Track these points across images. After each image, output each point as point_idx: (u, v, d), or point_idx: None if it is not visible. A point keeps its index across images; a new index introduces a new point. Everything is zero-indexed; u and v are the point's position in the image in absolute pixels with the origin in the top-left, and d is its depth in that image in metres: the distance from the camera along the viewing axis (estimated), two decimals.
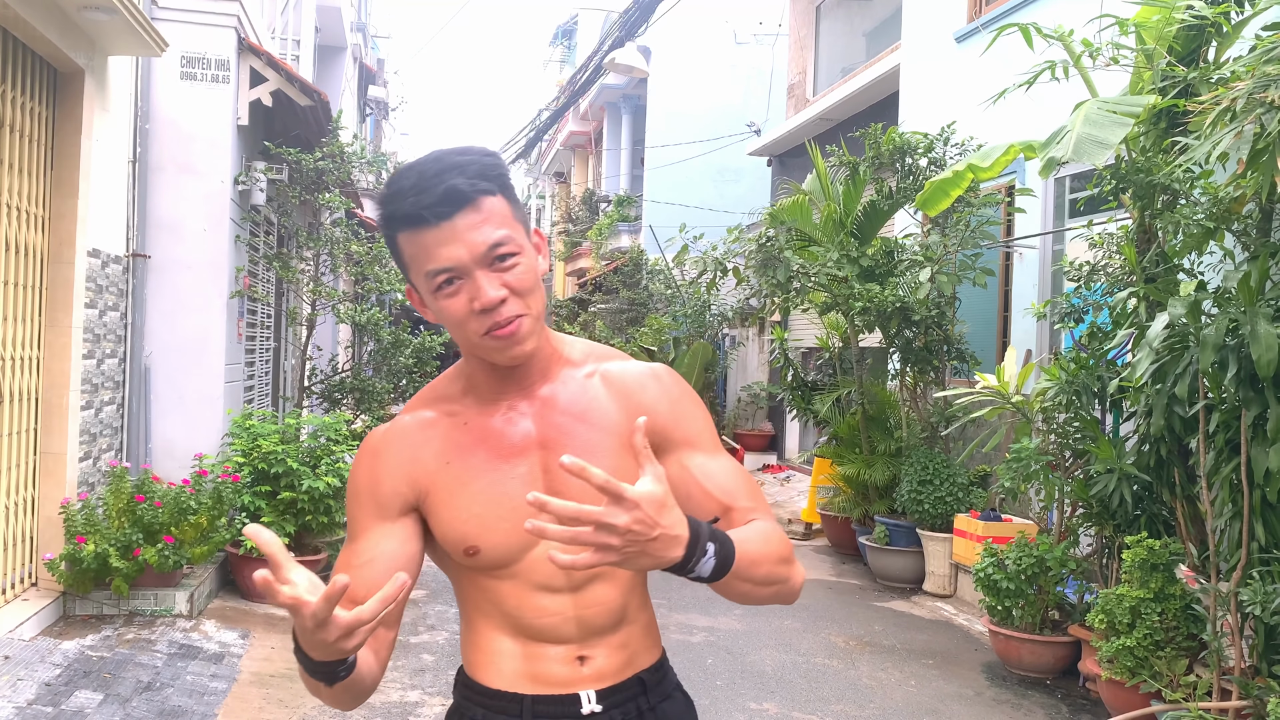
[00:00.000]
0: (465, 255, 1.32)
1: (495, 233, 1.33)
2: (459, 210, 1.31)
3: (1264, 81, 2.99)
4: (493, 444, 1.44)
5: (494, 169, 1.36)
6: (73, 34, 5.10)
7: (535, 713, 1.45)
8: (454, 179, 1.32)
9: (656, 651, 1.54)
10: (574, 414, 1.44)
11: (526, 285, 1.35)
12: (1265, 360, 3.76)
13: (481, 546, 1.41)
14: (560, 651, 1.45)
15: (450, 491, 1.43)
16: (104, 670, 4.49)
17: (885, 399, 8.11)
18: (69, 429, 5.33)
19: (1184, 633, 4.59)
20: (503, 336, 1.35)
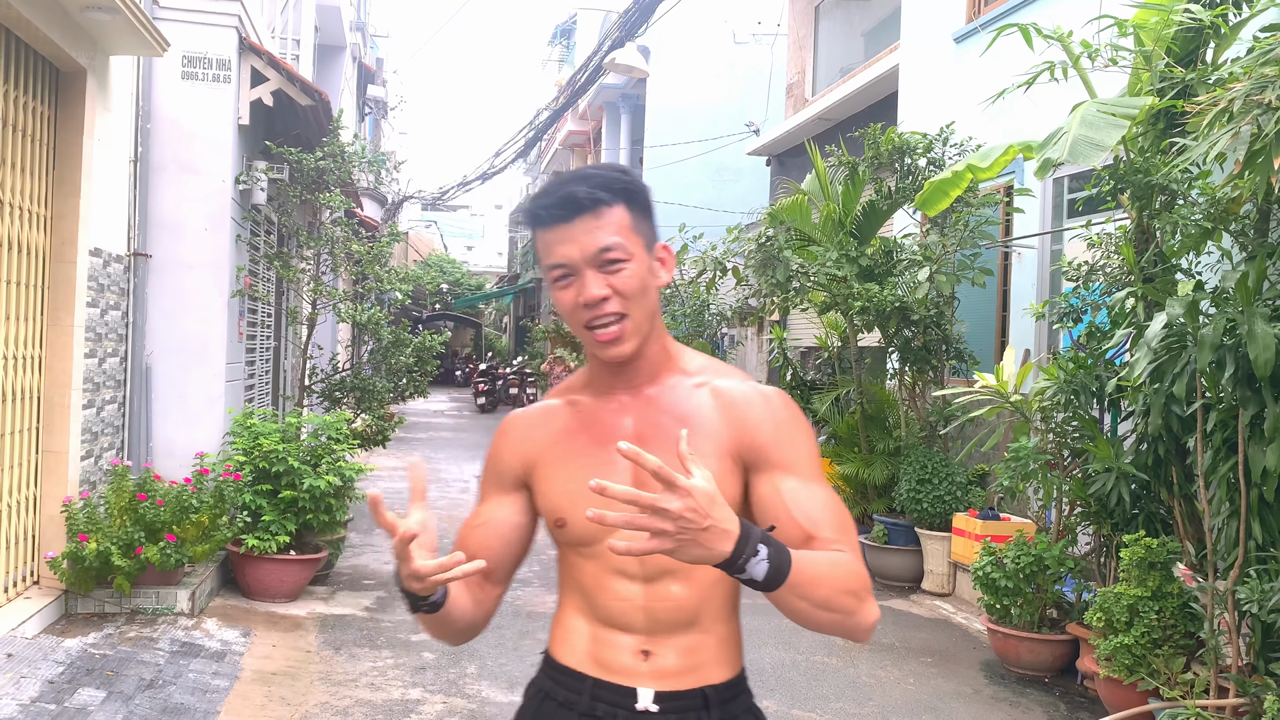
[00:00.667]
0: (576, 254, 1.48)
1: (606, 238, 1.47)
2: (576, 215, 1.48)
3: (1261, 83, 3.02)
4: (595, 431, 1.57)
5: (618, 183, 1.51)
6: (75, 34, 5.12)
7: (594, 695, 1.53)
8: (576, 187, 1.49)
9: (731, 671, 1.56)
10: (674, 416, 1.53)
11: (630, 290, 1.48)
12: (1262, 360, 3.79)
13: (568, 520, 1.55)
14: (627, 641, 1.53)
15: (552, 467, 1.59)
16: (106, 668, 4.50)
17: (884, 398, 8.13)
18: (71, 428, 5.35)
19: (1181, 631, 4.62)
20: (603, 339, 1.50)
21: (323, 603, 6.20)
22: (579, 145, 24.56)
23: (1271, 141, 2.90)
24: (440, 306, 35.46)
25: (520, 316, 34.72)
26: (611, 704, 1.52)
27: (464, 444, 16.03)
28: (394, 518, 1.39)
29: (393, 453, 14.23)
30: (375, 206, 16.27)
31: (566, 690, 1.56)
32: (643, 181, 1.58)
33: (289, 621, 5.74)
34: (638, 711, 1.51)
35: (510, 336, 35.97)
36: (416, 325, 23.90)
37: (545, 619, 6.24)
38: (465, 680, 4.98)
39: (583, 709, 1.54)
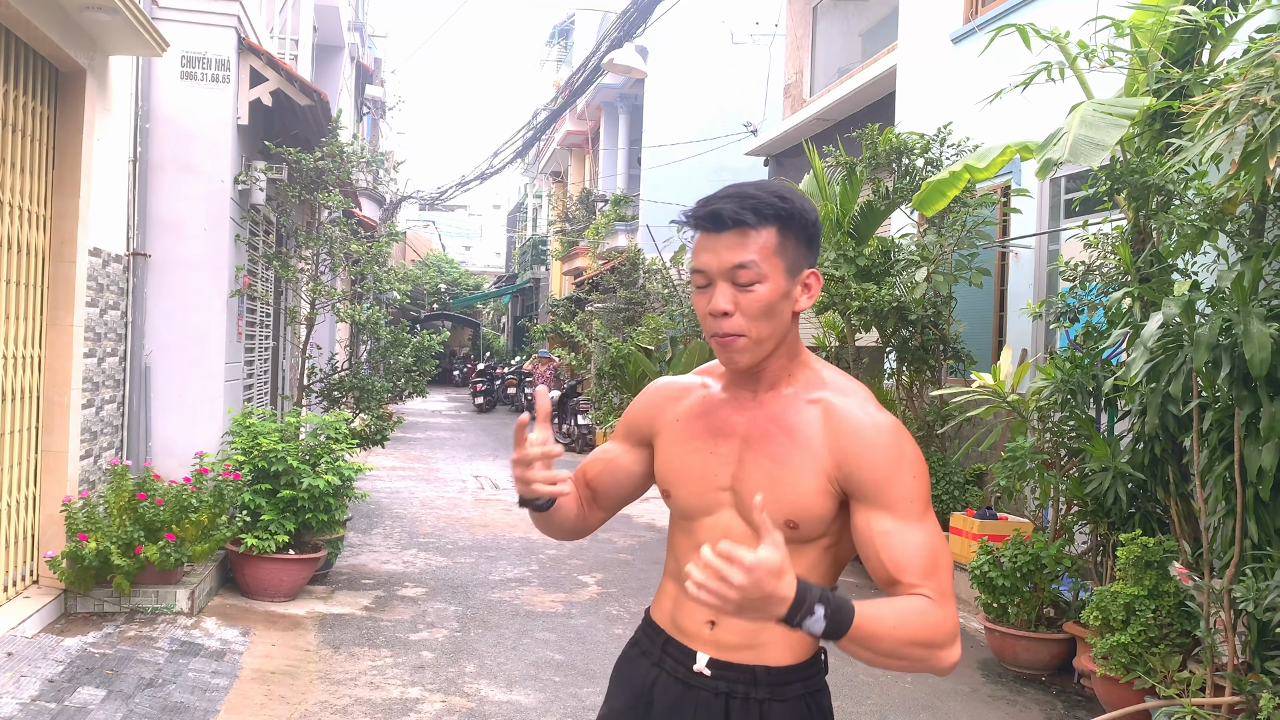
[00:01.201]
0: (713, 265, 1.59)
1: (743, 256, 1.57)
2: (722, 229, 1.58)
3: (1256, 84, 3.03)
4: (711, 421, 1.72)
5: (771, 207, 1.57)
6: (74, 34, 5.13)
7: (664, 650, 1.74)
8: (726, 204, 1.57)
9: (793, 658, 1.66)
10: (781, 425, 1.65)
11: (754, 310, 1.59)
12: (1258, 359, 3.80)
13: (673, 493, 1.74)
14: (700, 610, 1.68)
15: (669, 441, 1.77)
16: (106, 667, 4.51)
17: (882, 398, 8.14)
18: (70, 427, 5.35)
19: (1178, 629, 4.64)
20: (721, 345, 1.63)
21: (322, 602, 6.21)
22: (577, 145, 24.56)
23: (1266, 141, 2.91)
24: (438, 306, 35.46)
25: (518, 316, 34.73)
26: (676, 660, 1.71)
27: (462, 444, 16.04)
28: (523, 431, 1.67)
29: (391, 452, 14.25)
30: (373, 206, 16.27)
31: (648, 640, 1.78)
32: (804, 210, 1.61)
33: (288, 620, 5.75)
34: (694, 672, 1.68)
35: (508, 336, 35.97)
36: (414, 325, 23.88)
37: (544, 618, 6.27)
38: (464, 679, 4.99)
39: (655, 659, 1.75)
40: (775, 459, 1.63)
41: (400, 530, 8.67)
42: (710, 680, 1.67)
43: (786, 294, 1.60)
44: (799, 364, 1.70)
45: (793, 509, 1.61)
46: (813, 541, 1.64)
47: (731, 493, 1.67)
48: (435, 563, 7.54)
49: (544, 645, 5.59)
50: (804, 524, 1.61)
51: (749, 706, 1.64)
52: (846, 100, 10.83)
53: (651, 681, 1.73)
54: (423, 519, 9.24)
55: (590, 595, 6.83)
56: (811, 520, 1.61)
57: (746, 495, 1.63)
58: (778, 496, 1.60)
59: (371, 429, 7.08)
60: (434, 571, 7.26)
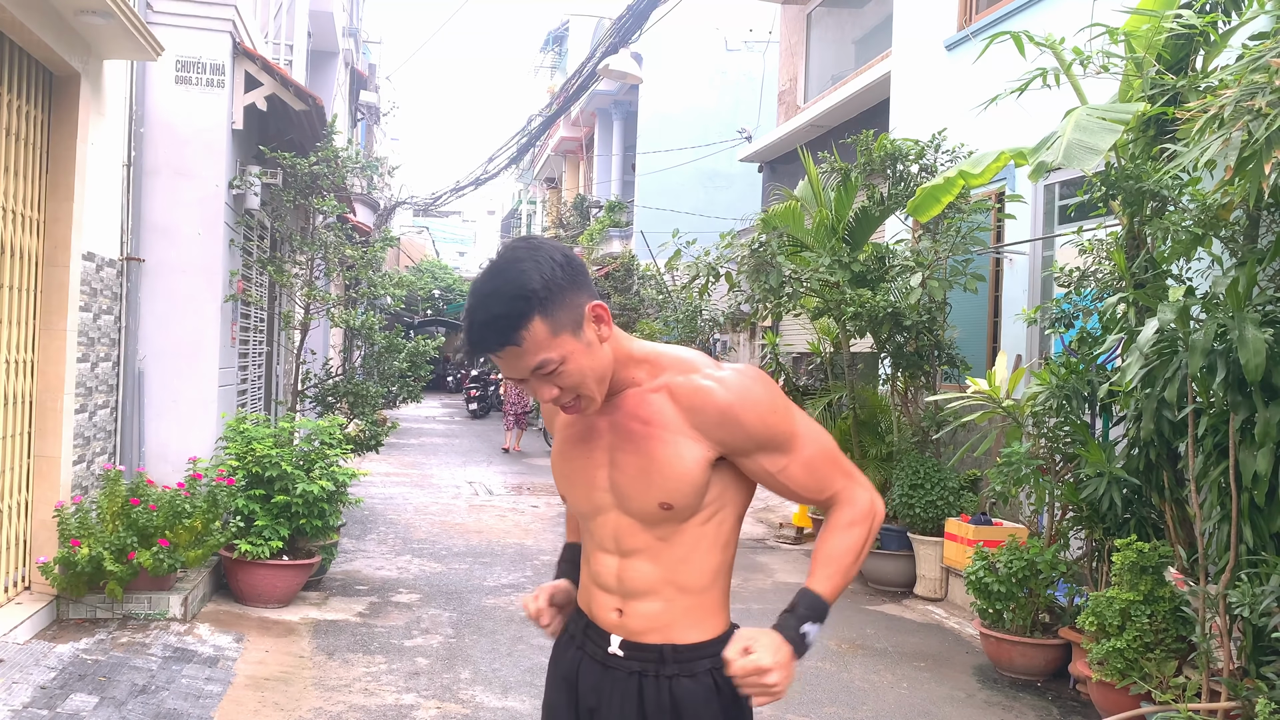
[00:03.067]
0: (516, 374, 1.71)
1: (534, 359, 1.66)
2: (498, 354, 1.67)
3: (1251, 89, 3.04)
4: (584, 427, 1.85)
5: (519, 312, 1.62)
6: (68, 38, 5.11)
7: (585, 634, 1.88)
8: (488, 337, 1.65)
9: (698, 635, 1.79)
10: (639, 419, 1.77)
11: (572, 381, 1.70)
12: (1253, 365, 3.81)
13: (567, 498, 1.90)
14: (607, 599, 1.83)
15: (559, 448, 1.91)
16: (99, 673, 4.49)
17: (876, 404, 8.15)
18: (63, 432, 5.33)
19: (1173, 635, 4.64)
20: (572, 413, 1.78)
21: (316, 608, 6.18)
22: (572, 152, 24.58)
23: (1262, 147, 2.92)
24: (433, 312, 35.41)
25: None
26: (594, 643, 1.86)
27: (456, 449, 16.01)
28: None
29: (386, 458, 14.21)
30: (368, 212, 16.24)
31: (574, 624, 1.94)
32: (556, 276, 1.66)
33: (282, 627, 5.72)
34: (609, 654, 1.83)
35: None
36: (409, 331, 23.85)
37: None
38: (459, 685, 4.97)
39: (578, 643, 1.90)
40: (640, 451, 1.75)
41: (394, 536, 8.64)
42: (624, 660, 1.80)
43: (588, 345, 1.70)
44: (635, 364, 1.80)
45: (664, 492, 1.73)
46: (689, 520, 1.77)
47: (611, 493, 1.79)
48: (429, 569, 7.52)
49: (539, 651, 5.57)
50: (677, 502, 1.73)
51: (659, 684, 1.77)
52: (841, 107, 10.85)
53: (576, 664, 1.88)
54: (417, 525, 9.21)
55: None
56: (684, 495, 1.73)
57: (625, 492, 1.77)
58: (649, 485, 1.74)
59: (365, 434, 7.06)
60: (428, 578, 7.24)
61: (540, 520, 9.88)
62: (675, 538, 1.76)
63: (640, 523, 1.77)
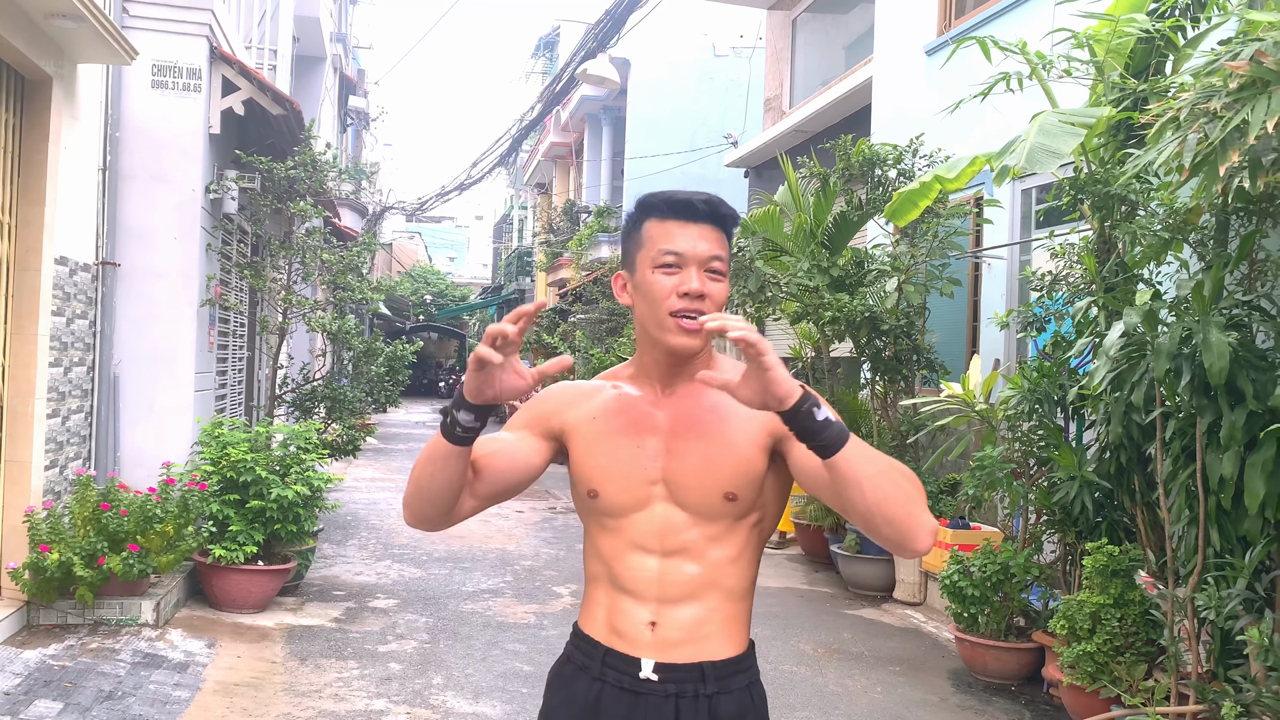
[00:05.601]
0: (690, 250, 1.64)
1: (718, 250, 1.66)
2: (712, 222, 1.67)
3: (1208, 92, 3.06)
4: (631, 417, 1.74)
5: (731, 217, 1.71)
6: (40, 41, 5.10)
7: (605, 663, 1.73)
8: (709, 200, 1.67)
9: (734, 648, 1.72)
10: (705, 407, 1.71)
11: (719, 300, 1.67)
12: (1217, 368, 3.82)
13: (601, 493, 1.73)
14: (639, 612, 1.71)
15: (588, 440, 1.76)
16: (65, 679, 4.46)
17: (857, 408, 8.15)
18: (34, 437, 5.31)
19: (1143, 638, 4.65)
20: (689, 328, 1.64)
21: (291, 613, 6.16)
22: (562, 157, 24.60)
23: (1217, 149, 2.93)
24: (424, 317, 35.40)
25: None
26: (619, 671, 1.71)
27: None
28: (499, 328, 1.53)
29: (371, 463, 14.20)
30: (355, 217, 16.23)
31: (584, 656, 1.76)
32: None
33: (256, 632, 5.70)
34: (640, 679, 1.69)
35: None
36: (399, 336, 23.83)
37: (515, 629, 6.23)
38: (431, 691, 4.95)
39: (595, 674, 1.73)
40: (707, 439, 1.69)
41: (375, 542, 8.62)
42: (658, 684, 1.69)
43: (727, 292, 1.70)
44: (712, 359, 1.77)
45: (732, 480, 1.67)
46: (745, 518, 1.70)
47: (664, 485, 1.71)
48: (409, 574, 7.50)
49: (513, 656, 5.56)
50: (742, 492, 1.68)
51: (699, 703, 1.68)
52: (825, 112, 10.87)
53: (595, 696, 1.73)
54: (399, 530, 9.19)
55: (563, 606, 6.81)
56: (749, 485, 1.68)
57: (682, 483, 1.69)
58: (715, 473, 1.67)
59: (343, 439, 7.05)
60: (407, 583, 7.22)
61: (524, 525, 9.87)
62: (726, 537, 1.70)
63: (694, 516, 1.70)
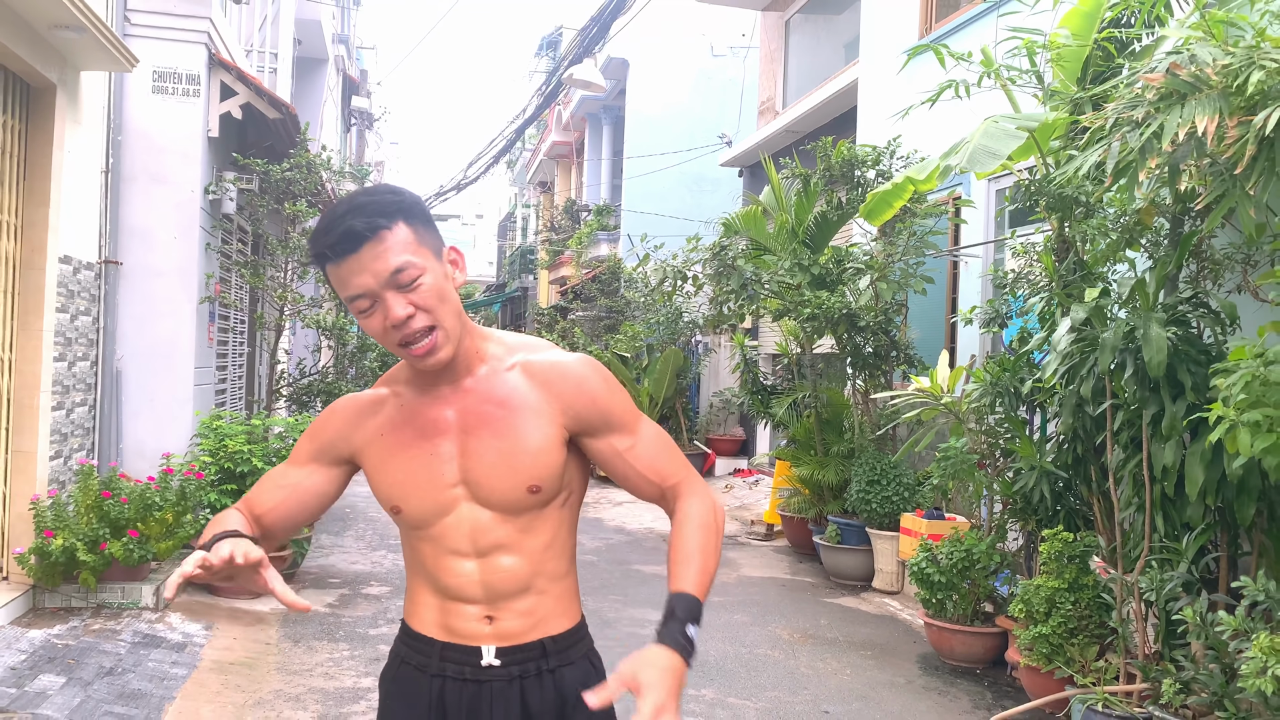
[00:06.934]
0: (372, 282, 1.56)
1: (395, 259, 1.55)
2: (359, 245, 1.54)
3: (1133, 101, 3.26)
4: (419, 424, 1.69)
5: (392, 205, 1.58)
6: (44, 51, 5.34)
7: (443, 657, 1.71)
8: (352, 220, 1.55)
9: (569, 621, 1.75)
10: (494, 401, 1.68)
11: (431, 302, 1.58)
12: (1155, 361, 4.03)
13: (403, 507, 1.69)
14: (470, 610, 1.70)
15: (381, 458, 1.71)
16: (68, 656, 4.71)
17: (839, 402, 8.37)
18: (40, 428, 5.55)
19: (1096, 621, 4.85)
20: (419, 352, 1.60)
21: None
22: (563, 156, 24.82)
23: (1136, 156, 3.14)
24: None
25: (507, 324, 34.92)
26: (459, 663, 1.70)
27: None
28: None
29: None
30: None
31: (420, 655, 1.74)
32: (414, 195, 1.66)
33: (251, 616, 5.94)
34: (483, 667, 1.69)
35: None
36: None
37: None
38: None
39: (434, 670, 1.71)
40: (501, 434, 1.66)
41: (372, 533, 8.86)
42: (501, 669, 1.69)
43: (445, 275, 1.62)
44: (480, 339, 1.73)
45: (532, 473, 1.66)
46: (550, 503, 1.71)
47: (464, 486, 1.67)
48: (402, 563, 7.73)
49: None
50: (545, 483, 1.67)
51: (542, 680, 1.70)
52: (814, 113, 11.07)
53: (438, 691, 1.71)
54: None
55: None
56: (551, 475, 1.68)
57: (482, 482, 1.66)
58: (515, 467, 1.66)
59: None
60: (400, 572, 7.45)
61: None
62: (538, 525, 1.70)
63: (500, 514, 1.68)
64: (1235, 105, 2.91)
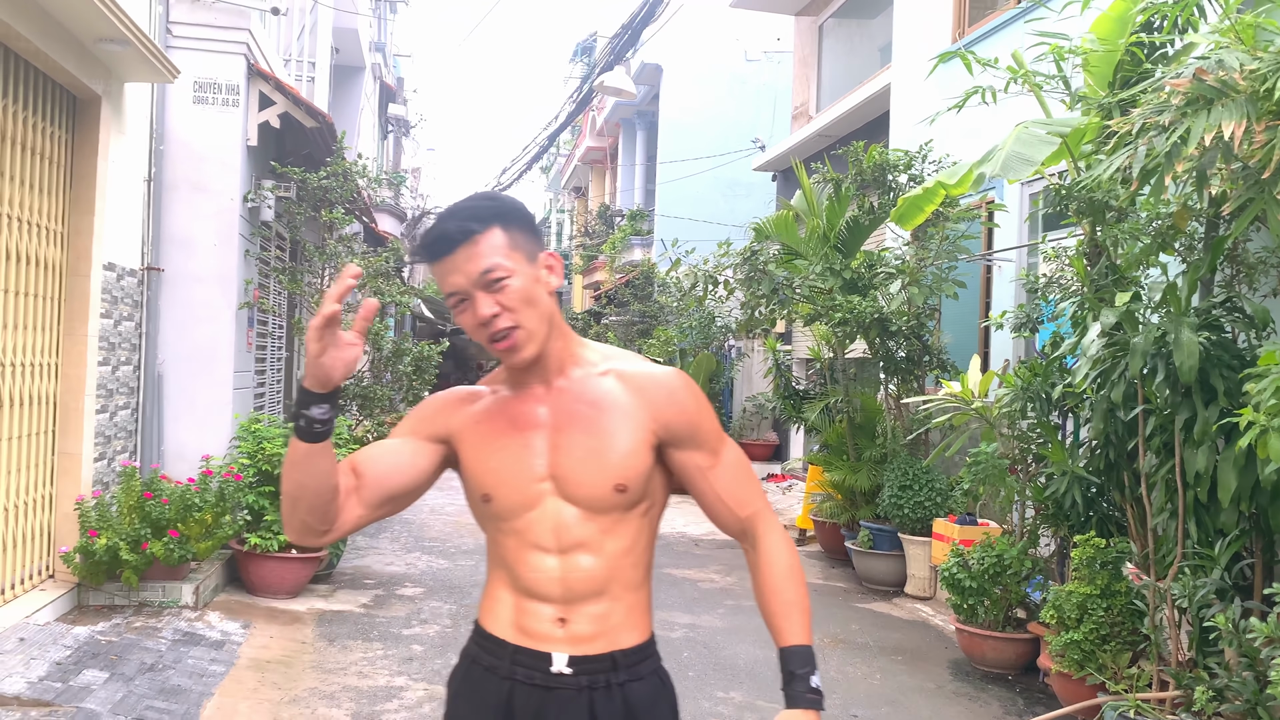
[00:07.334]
0: (463, 281, 1.66)
1: (485, 262, 1.65)
2: (454, 248, 1.65)
3: (1159, 106, 3.25)
4: (513, 416, 1.76)
5: (487, 211, 1.68)
6: (89, 64, 5.49)
7: (514, 660, 1.73)
8: (448, 224, 1.67)
9: (639, 636, 1.76)
10: (585, 401, 1.74)
11: (516, 303, 1.66)
12: (1186, 366, 4.00)
13: (493, 495, 1.74)
14: (545, 610, 1.72)
15: (476, 446, 1.76)
16: (111, 653, 4.83)
17: (872, 407, 8.35)
18: (84, 431, 5.70)
19: (1128, 627, 4.82)
20: (502, 348, 1.68)
21: (323, 599, 6.51)
22: (597, 161, 24.94)
23: (1163, 161, 3.13)
24: None
25: None
26: (529, 667, 1.72)
27: None
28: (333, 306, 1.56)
29: None
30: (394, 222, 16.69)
31: (491, 656, 1.75)
32: (514, 202, 1.75)
33: (288, 615, 6.05)
34: (553, 674, 1.71)
35: None
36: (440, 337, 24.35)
37: None
38: (449, 670, 5.25)
39: (504, 673, 1.73)
40: (591, 433, 1.72)
41: (407, 535, 8.98)
42: (572, 678, 1.70)
43: (536, 279, 1.69)
44: (575, 344, 1.79)
45: (620, 472, 1.71)
46: (635, 508, 1.75)
47: (552, 480, 1.72)
48: (436, 565, 7.83)
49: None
50: (631, 484, 1.71)
51: (611, 693, 1.71)
52: (847, 117, 11.06)
53: (506, 694, 1.72)
54: (430, 524, 9.55)
55: None
56: (638, 477, 1.72)
57: (570, 478, 1.71)
58: (603, 465, 1.71)
59: (373, 435, 7.40)
60: (434, 573, 7.55)
61: None
62: (619, 528, 1.73)
63: (586, 511, 1.71)
64: (1263, 110, 2.90)
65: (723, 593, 7.37)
